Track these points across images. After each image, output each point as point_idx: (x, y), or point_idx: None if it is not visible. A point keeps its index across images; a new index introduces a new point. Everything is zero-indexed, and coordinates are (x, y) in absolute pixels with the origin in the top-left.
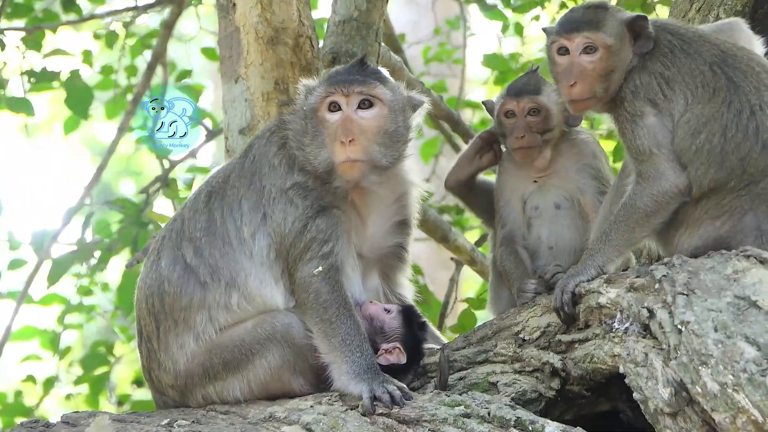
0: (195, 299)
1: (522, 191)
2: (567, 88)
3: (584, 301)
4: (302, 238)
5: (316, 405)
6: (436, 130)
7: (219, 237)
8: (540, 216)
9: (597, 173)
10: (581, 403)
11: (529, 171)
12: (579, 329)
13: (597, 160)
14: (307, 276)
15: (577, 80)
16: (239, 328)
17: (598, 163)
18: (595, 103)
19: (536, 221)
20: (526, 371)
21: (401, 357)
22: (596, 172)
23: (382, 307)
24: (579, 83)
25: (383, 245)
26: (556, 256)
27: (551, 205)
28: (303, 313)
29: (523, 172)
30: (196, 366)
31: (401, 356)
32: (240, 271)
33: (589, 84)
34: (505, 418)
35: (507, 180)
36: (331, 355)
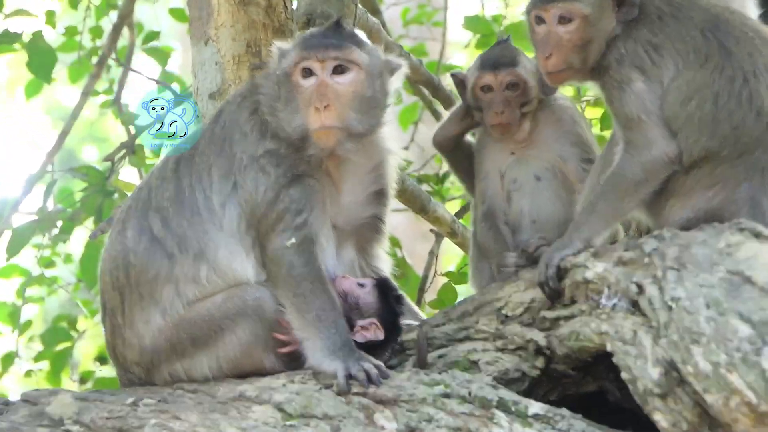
0: (162, 272)
1: (500, 164)
2: (543, 60)
3: (570, 276)
4: (274, 208)
5: (288, 383)
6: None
7: (187, 207)
8: (520, 189)
9: (578, 139)
10: (567, 383)
11: (506, 143)
12: (564, 305)
13: (577, 125)
14: (279, 248)
15: (553, 51)
16: (208, 303)
17: (578, 128)
18: (572, 74)
19: (516, 195)
20: (508, 349)
21: (378, 333)
22: (577, 138)
23: (356, 281)
24: (554, 54)
25: (359, 216)
26: (539, 230)
27: (531, 178)
28: (275, 286)
29: (499, 144)
30: (163, 342)
31: (378, 332)
32: (209, 243)
33: (564, 55)
34: (487, 399)
35: (484, 154)
36: (304, 331)
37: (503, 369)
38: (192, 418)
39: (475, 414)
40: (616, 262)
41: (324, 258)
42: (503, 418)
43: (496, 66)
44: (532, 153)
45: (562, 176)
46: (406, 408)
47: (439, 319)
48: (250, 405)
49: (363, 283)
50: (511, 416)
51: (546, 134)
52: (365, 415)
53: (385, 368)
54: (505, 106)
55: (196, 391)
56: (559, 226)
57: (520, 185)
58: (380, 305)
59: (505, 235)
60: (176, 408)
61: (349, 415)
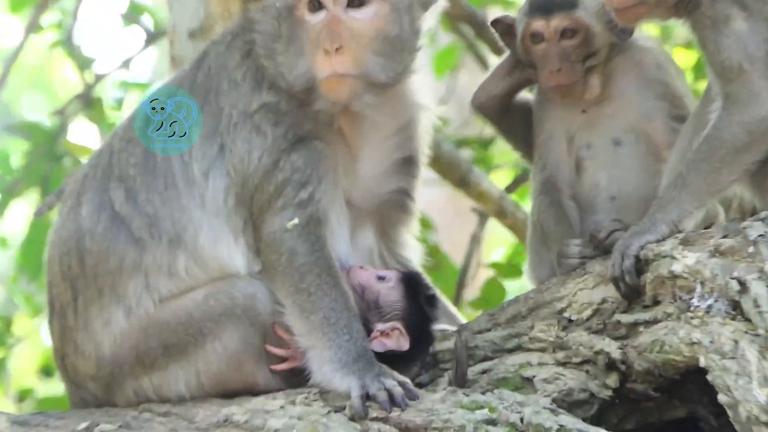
0: (127, 261)
1: (567, 125)
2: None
3: (652, 269)
4: (272, 179)
5: (288, 405)
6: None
7: (160, 176)
8: (594, 157)
9: (665, 90)
10: (647, 408)
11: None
12: (645, 307)
13: (663, 72)
14: (278, 230)
15: None
16: (186, 300)
17: (666, 76)
18: (650, 9)
19: (589, 164)
20: (572, 363)
21: (402, 342)
22: (664, 89)
23: (376, 273)
24: None
25: (381, 191)
26: (619, 210)
27: (608, 142)
28: (272, 280)
29: (567, 99)
30: (127, 350)
31: (402, 340)
32: (188, 224)
33: None
34: (545, 426)
35: (546, 110)
36: (309, 338)
37: (565, 389)
38: None
39: None
40: (712, 252)
41: (335, 244)
42: None
43: (547, 9)
44: (609, 111)
45: (647, 139)
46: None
47: (483, 324)
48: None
49: (385, 276)
50: None
51: (624, 86)
52: None
53: (412, 386)
54: (562, 61)
55: (169, 414)
56: (645, 205)
57: (595, 152)
58: (406, 305)
59: (571, 215)
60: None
61: None
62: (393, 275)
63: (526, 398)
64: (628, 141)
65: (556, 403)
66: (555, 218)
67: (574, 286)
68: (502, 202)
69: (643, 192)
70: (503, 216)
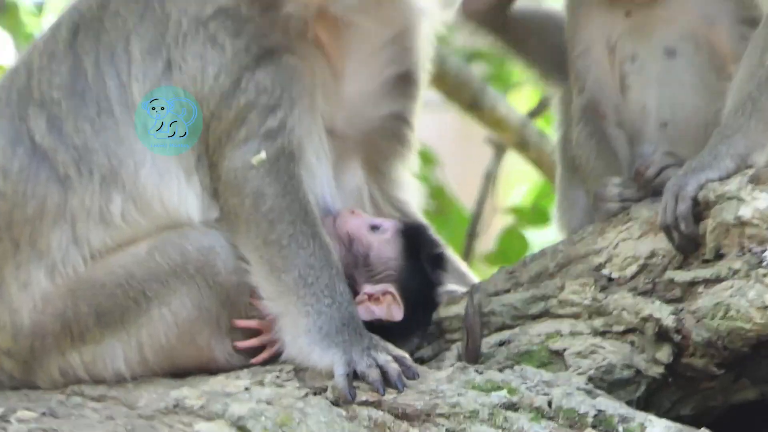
0: (49, 205)
1: (608, 32)
2: None
3: (714, 215)
4: (232, 104)
5: (254, 386)
6: None
7: (91, 100)
8: (640, 71)
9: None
10: (708, 389)
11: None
12: (705, 262)
13: None
14: (240, 168)
15: None
16: (125, 256)
17: None
18: None
19: (634, 81)
20: (613, 333)
21: (394, 310)
22: None
23: (369, 221)
24: None
25: (371, 116)
26: (674, 138)
27: (659, 52)
28: (234, 230)
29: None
30: (51, 318)
31: (394, 308)
32: (126, 158)
33: None
34: (578, 412)
35: (581, 15)
36: (281, 303)
37: (604, 365)
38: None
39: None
40: None
41: (312, 184)
42: None
43: None
44: (660, 12)
45: (708, 49)
46: (445, 427)
47: (501, 284)
48: (192, 421)
49: (380, 225)
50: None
51: None
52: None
53: (411, 362)
54: None
55: (104, 398)
56: (704, 134)
57: (641, 65)
58: (404, 264)
59: (618, 147)
60: (71, 426)
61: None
62: (390, 225)
63: (554, 377)
64: (683, 51)
65: (592, 383)
66: (597, 152)
67: (615, 236)
68: (523, 131)
69: (701, 117)
70: (525, 148)
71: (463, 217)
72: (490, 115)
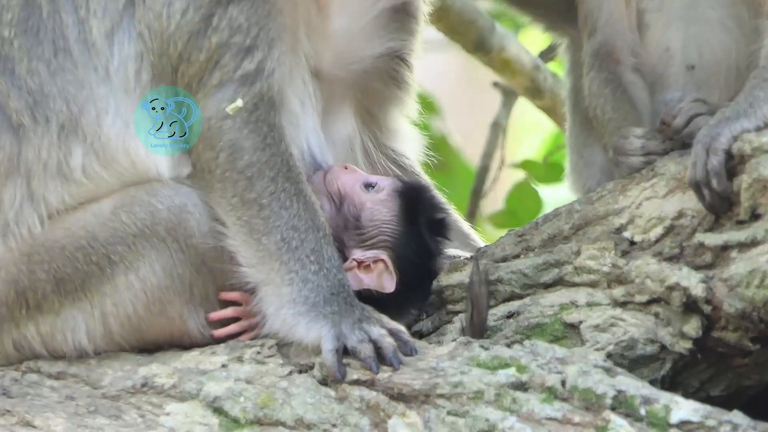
0: (2, 158)
1: None
2: None
3: (750, 170)
4: (203, 44)
5: (232, 363)
6: None
7: (46, 39)
8: (662, 7)
9: None
10: (742, 366)
11: None
12: (739, 223)
13: None
14: (214, 118)
15: None
16: (87, 215)
17: None
18: None
19: (655, 18)
20: (635, 303)
21: (386, 280)
22: None
23: (363, 179)
24: None
25: (363, 55)
26: (703, 83)
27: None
28: (208, 188)
29: None
30: (3, 285)
31: (386, 278)
32: (87, 105)
33: None
34: (596, 393)
35: None
36: (261, 270)
37: (625, 339)
38: (56, 426)
39: (574, 420)
40: None
41: (297, 135)
42: (624, 428)
43: None
44: None
45: None
46: (446, 409)
47: (510, 248)
48: (163, 402)
49: (374, 182)
50: (640, 425)
51: None
52: (372, 422)
53: (408, 337)
54: None
55: (63, 375)
56: (737, 78)
57: (663, 1)
58: (400, 230)
59: (636, 95)
60: (26, 407)
61: (343, 421)
62: (387, 184)
63: (569, 353)
64: None
65: (612, 360)
66: (613, 101)
67: (638, 194)
68: (536, 75)
69: (734, 59)
70: (538, 94)
71: (468, 172)
72: (498, 57)
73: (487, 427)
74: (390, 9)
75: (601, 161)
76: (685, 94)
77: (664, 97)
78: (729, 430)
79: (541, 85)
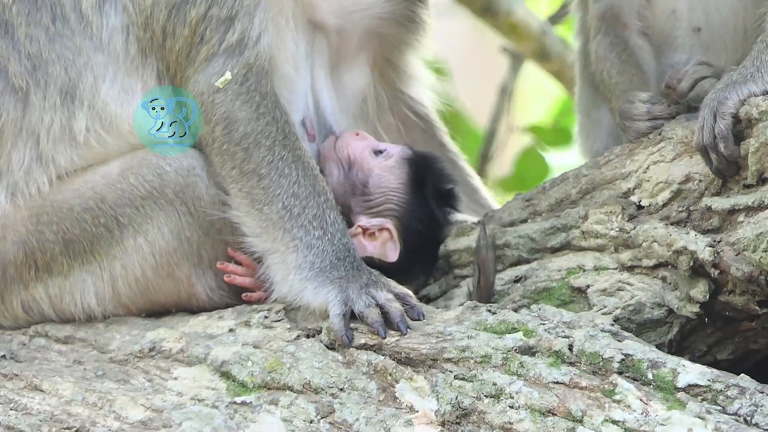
0: (6, 120)
1: None
2: None
3: (757, 133)
4: (185, 18)
5: (240, 328)
6: None
7: (44, 6)
8: None
9: None
10: (749, 330)
11: None
12: (747, 187)
13: None
14: (206, 92)
15: None
16: (95, 177)
17: None
18: None
19: None
20: (642, 267)
21: (389, 249)
22: None
23: (373, 145)
24: None
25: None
26: (710, 46)
27: None
28: (208, 162)
29: None
30: (12, 247)
31: (390, 247)
32: (85, 71)
33: None
34: (603, 357)
35: None
36: (266, 239)
37: (633, 303)
38: (63, 390)
39: (581, 384)
40: None
41: (293, 100)
42: (632, 392)
43: None
44: None
45: None
46: (453, 374)
47: (517, 213)
48: (171, 366)
49: (385, 149)
50: (648, 388)
51: None
52: (379, 387)
53: (415, 301)
54: None
55: (71, 339)
56: (743, 42)
57: None
58: (407, 198)
59: (643, 59)
60: (34, 371)
61: (350, 386)
62: (397, 151)
63: (576, 317)
64: None
65: (619, 324)
66: (619, 64)
67: (645, 158)
68: (544, 39)
69: (741, 21)
70: (546, 58)
71: (475, 136)
72: (505, 21)
73: (494, 392)
74: None
75: (609, 123)
76: (691, 56)
77: (670, 60)
78: (736, 394)
79: (549, 50)
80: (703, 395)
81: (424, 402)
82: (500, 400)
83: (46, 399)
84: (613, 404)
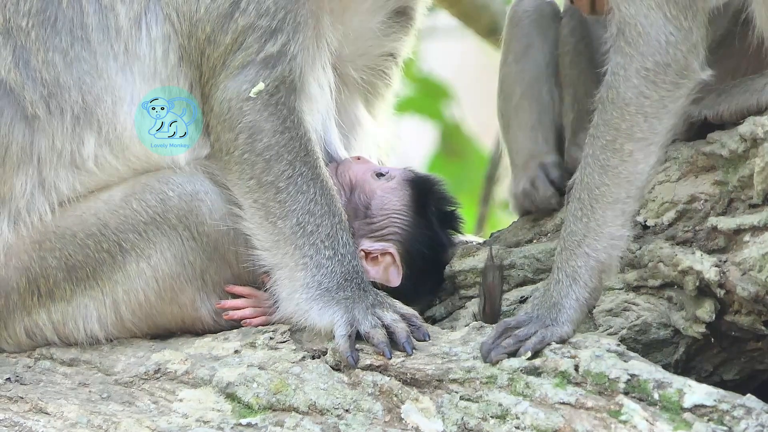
0: (13, 147)
1: None
2: None
3: (762, 153)
4: (230, 26)
5: (245, 349)
6: None
7: (64, 28)
8: None
9: None
10: (755, 350)
11: None
12: (752, 206)
13: None
14: (235, 99)
15: None
16: (98, 203)
17: None
18: None
19: None
20: (648, 287)
21: (392, 274)
22: None
23: (374, 168)
24: None
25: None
26: None
27: None
28: (226, 170)
29: None
30: (15, 273)
31: (392, 272)
32: (104, 95)
33: None
34: (609, 377)
35: None
36: (276, 254)
37: (638, 323)
38: (69, 413)
39: (587, 405)
40: None
41: (316, 120)
42: (638, 413)
43: None
44: None
45: None
46: (459, 394)
47: (522, 234)
48: (176, 388)
49: (386, 172)
50: (654, 409)
51: None
52: (385, 408)
53: (421, 321)
54: None
55: (76, 362)
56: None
57: None
58: (410, 221)
59: None
60: (39, 393)
61: (356, 407)
62: (398, 173)
63: (582, 337)
64: None
65: (625, 344)
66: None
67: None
68: None
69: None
70: None
71: (481, 158)
72: None
73: (500, 412)
74: (394, 10)
75: None
76: None
77: None
78: (742, 414)
79: None
80: (710, 415)
81: (429, 423)
82: (506, 421)
83: (51, 422)
84: (619, 425)
